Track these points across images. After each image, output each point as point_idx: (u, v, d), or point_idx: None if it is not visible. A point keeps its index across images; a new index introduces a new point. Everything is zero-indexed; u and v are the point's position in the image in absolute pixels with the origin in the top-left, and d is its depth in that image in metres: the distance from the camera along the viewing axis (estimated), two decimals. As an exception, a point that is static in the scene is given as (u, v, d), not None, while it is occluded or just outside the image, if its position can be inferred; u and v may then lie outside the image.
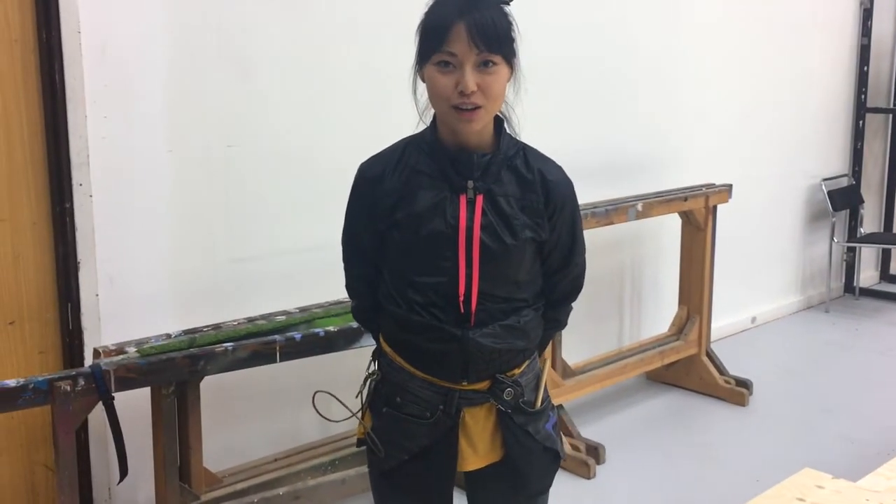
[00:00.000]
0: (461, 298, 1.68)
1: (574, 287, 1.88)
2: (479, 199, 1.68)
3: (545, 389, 1.85)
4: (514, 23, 1.66)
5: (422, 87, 1.70)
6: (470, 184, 1.68)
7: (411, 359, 1.75)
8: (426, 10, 1.67)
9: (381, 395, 1.80)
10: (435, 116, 1.73)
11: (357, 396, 1.86)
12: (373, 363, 1.85)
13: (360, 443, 1.88)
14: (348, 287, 1.91)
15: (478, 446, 1.77)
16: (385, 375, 1.80)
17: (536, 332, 1.81)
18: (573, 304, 1.93)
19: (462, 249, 1.67)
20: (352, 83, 3.27)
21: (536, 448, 1.80)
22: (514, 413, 1.77)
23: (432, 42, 1.62)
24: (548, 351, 2.81)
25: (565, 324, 1.94)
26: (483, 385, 1.74)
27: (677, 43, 4.59)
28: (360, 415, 1.85)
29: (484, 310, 1.70)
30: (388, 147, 1.79)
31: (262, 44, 3.03)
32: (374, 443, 1.79)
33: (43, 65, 2.60)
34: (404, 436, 1.76)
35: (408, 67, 1.73)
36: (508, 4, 1.67)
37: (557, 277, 1.83)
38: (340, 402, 1.89)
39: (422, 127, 1.76)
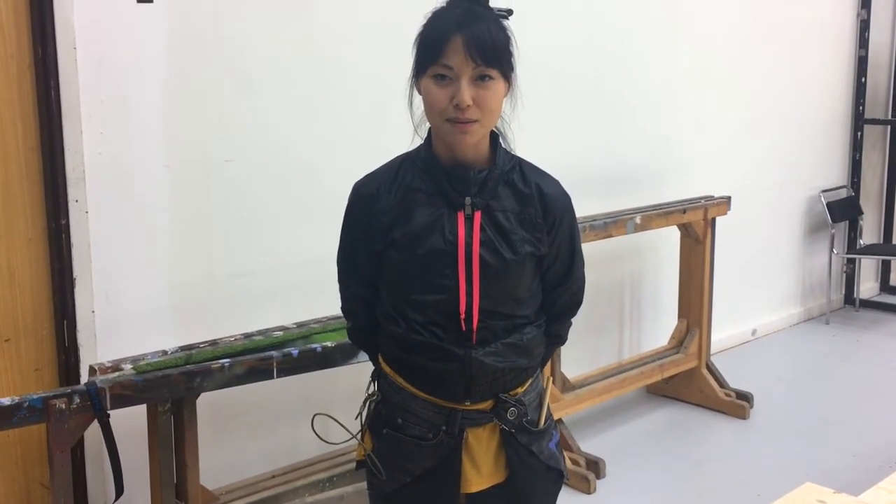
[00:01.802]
0: (462, 316, 1.66)
1: (574, 302, 1.87)
2: (478, 216, 1.67)
3: (548, 408, 1.83)
4: (512, 37, 1.65)
5: (417, 99, 1.69)
6: (468, 200, 1.66)
7: (412, 379, 1.73)
8: (424, 22, 1.66)
9: (382, 416, 1.78)
10: (430, 132, 1.72)
11: (357, 418, 1.84)
12: (372, 384, 1.83)
13: (359, 465, 1.85)
14: (344, 309, 1.89)
15: (481, 468, 1.74)
16: (385, 396, 1.78)
17: (539, 350, 1.80)
18: (573, 319, 1.91)
19: (462, 266, 1.65)
20: (351, 98, 3.27)
21: (540, 467, 1.78)
22: (517, 433, 1.75)
23: (429, 54, 1.61)
24: (548, 367, 2.79)
25: (565, 339, 1.92)
26: (486, 405, 1.72)
27: (676, 55, 4.59)
28: (359, 437, 1.83)
29: (486, 327, 1.69)
30: (383, 165, 1.77)
31: (260, 58, 3.03)
32: (374, 465, 1.77)
33: (38, 81, 2.59)
34: (406, 458, 1.73)
35: (408, 82, 1.72)
36: (507, 18, 1.66)
37: (557, 292, 1.81)
38: (341, 424, 1.87)
39: (417, 141, 1.75)
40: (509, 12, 1.67)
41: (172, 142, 2.85)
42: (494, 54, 1.60)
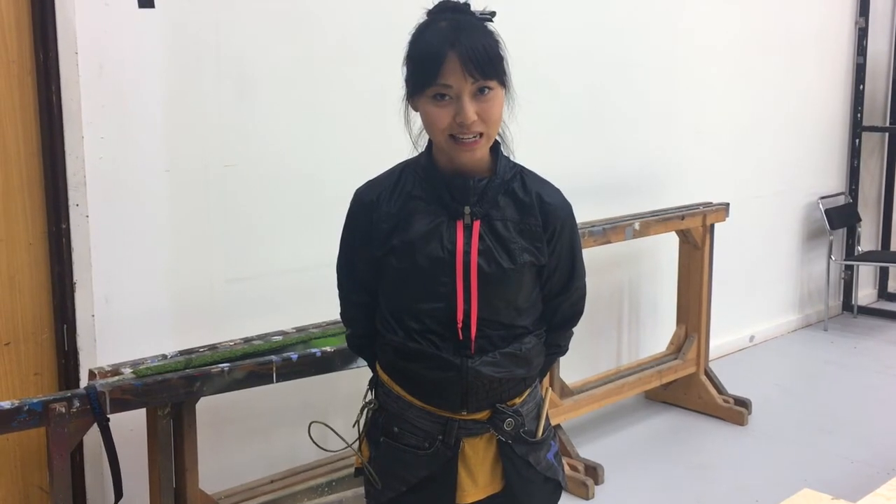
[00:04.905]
0: (459, 325, 1.66)
1: (575, 312, 1.86)
2: (476, 225, 1.66)
3: (546, 418, 1.82)
4: (500, 41, 1.63)
5: (413, 114, 1.68)
6: (467, 209, 1.65)
7: (409, 387, 1.72)
8: (411, 40, 1.64)
9: (379, 424, 1.77)
10: (430, 141, 1.70)
11: (354, 426, 1.84)
12: (369, 392, 1.83)
13: (357, 472, 1.85)
14: (343, 316, 1.88)
15: (477, 478, 1.73)
16: (382, 405, 1.77)
17: (538, 360, 1.79)
18: (573, 329, 1.90)
19: (459, 274, 1.65)
20: (351, 104, 3.27)
21: (537, 479, 1.77)
22: (514, 443, 1.74)
23: (425, 76, 1.58)
24: (546, 377, 2.81)
25: (566, 349, 1.91)
26: (483, 415, 1.71)
27: (675, 63, 4.61)
28: (356, 445, 1.83)
29: (484, 337, 1.68)
30: (384, 172, 1.77)
31: (261, 64, 3.04)
32: (371, 474, 1.77)
33: (40, 85, 2.60)
34: (402, 467, 1.73)
35: (401, 101, 1.71)
36: (492, 21, 1.64)
37: (557, 302, 1.80)
38: (337, 434, 1.87)
39: (418, 149, 1.75)
40: (492, 14, 1.65)
41: (173, 147, 2.86)
42: (491, 66, 1.58)
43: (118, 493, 2.47)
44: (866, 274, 6.30)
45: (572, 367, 3.81)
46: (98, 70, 2.68)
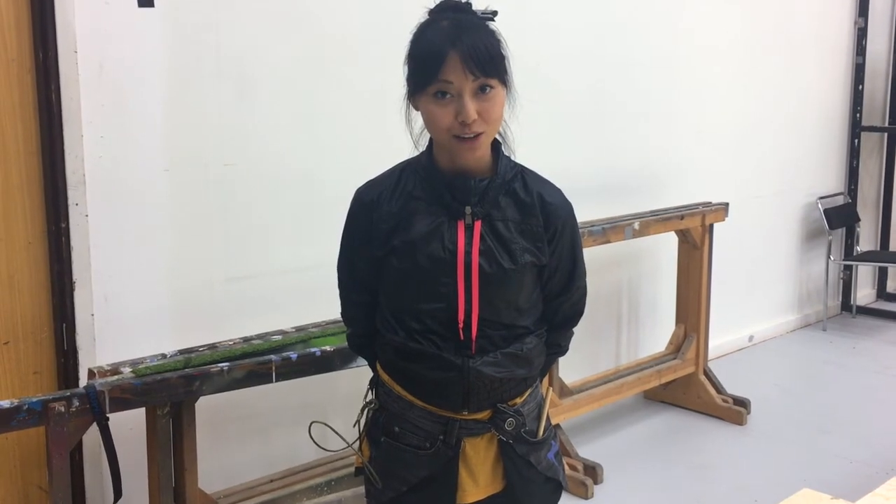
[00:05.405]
0: (460, 325, 1.66)
1: (575, 312, 1.86)
2: (478, 225, 1.66)
3: (547, 418, 1.82)
4: (502, 40, 1.63)
5: (415, 113, 1.68)
6: (468, 209, 1.66)
7: (410, 387, 1.72)
8: (413, 38, 1.64)
9: (379, 424, 1.77)
10: (431, 141, 1.71)
11: (354, 426, 1.84)
12: (370, 392, 1.82)
13: (357, 472, 1.85)
14: (344, 315, 1.88)
15: (478, 478, 1.73)
16: (383, 404, 1.77)
17: (539, 360, 1.79)
18: (574, 329, 1.90)
19: (461, 275, 1.65)
20: (350, 104, 3.27)
21: (538, 479, 1.77)
22: (515, 443, 1.74)
23: (426, 73, 1.59)
24: (547, 377, 2.80)
25: (566, 349, 1.91)
26: (484, 415, 1.71)
27: (675, 63, 4.61)
28: (357, 444, 1.82)
29: (485, 337, 1.68)
30: (385, 172, 1.77)
31: (261, 63, 3.03)
32: (371, 474, 1.77)
33: (39, 84, 2.60)
34: (403, 466, 1.73)
35: (403, 101, 1.71)
36: (494, 20, 1.64)
37: (558, 302, 1.80)
38: (338, 434, 1.87)
39: (419, 148, 1.75)
40: (494, 14, 1.65)
41: (172, 146, 2.86)
42: (492, 64, 1.58)
43: (117, 493, 2.47)
44: (865, 274, 6.30)
45: (572, 367, 3.81)
46: (98, 69, 2.68)
